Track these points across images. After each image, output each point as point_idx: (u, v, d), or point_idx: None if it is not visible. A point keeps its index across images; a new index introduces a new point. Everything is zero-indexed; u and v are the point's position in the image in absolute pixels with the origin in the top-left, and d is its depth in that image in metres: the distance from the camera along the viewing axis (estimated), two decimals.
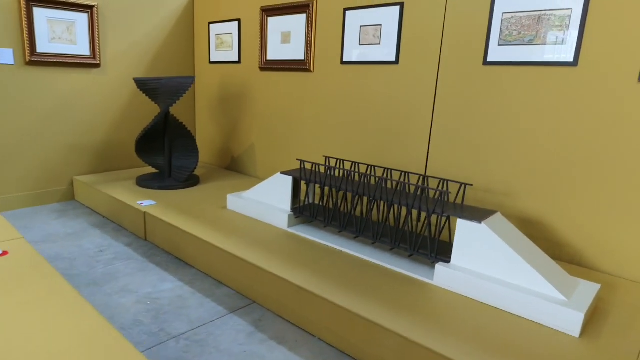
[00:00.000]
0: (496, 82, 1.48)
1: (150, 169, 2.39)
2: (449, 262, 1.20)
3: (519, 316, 1.07)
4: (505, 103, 1.47)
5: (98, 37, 2.12)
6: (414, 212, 1.62)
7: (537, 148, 1.43)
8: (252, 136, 2.29)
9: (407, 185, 1.41)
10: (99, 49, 2.14)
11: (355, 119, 1.85)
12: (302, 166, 1.52)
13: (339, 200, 1.43)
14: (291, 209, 1.56)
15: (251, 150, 2.31)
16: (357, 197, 1.36)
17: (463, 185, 1.35)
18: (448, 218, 1.25)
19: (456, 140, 1.59)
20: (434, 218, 1.43)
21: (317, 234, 1.49)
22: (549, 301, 1.03)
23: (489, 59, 1.47)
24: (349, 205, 1.58)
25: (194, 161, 2.08)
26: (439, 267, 1.19)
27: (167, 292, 1.37)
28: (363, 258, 1.34)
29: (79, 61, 2.08)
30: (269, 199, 1.63)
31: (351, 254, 1.36)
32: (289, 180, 1.55)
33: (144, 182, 2.03)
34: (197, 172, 2.37)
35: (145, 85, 1.99)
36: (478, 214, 1.19)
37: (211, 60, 2.41)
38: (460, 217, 1.17)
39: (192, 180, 2.09)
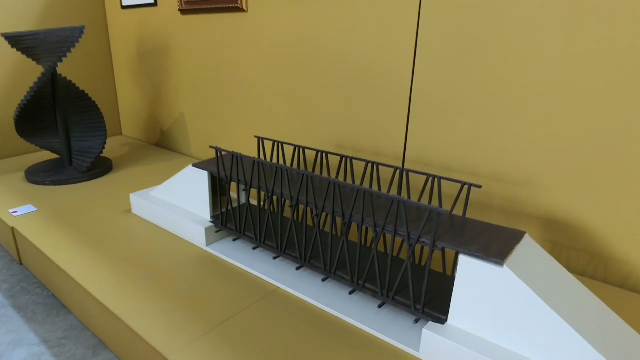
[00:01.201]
0: (509, 10, 0.92)
1: (52, 155, 1.81)
2: (445, 321, 0.70)
3: None
4: (525, 43, 0.91)
5: None
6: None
7: (573, 115, 0.90)
8: (180, 103, 1.71)
9: (380, 189, 0.88)
10: None
11: (306, 78, 1.29)
12: (219, 155, 0.98)
13: (278, 203, 0.90)
14: (211, 217, 1.03)
15: (181, 121, 1.74)
16: (296, 205, 0.84)
17: (467, 187, 0.82)
18: (442, 250, 0.73)
19: (450, 105, 1.05)
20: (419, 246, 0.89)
21: (245, 257, 0.97)
22: None
23: None
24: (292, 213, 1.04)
25: (101, 141, 1.51)
26: (428, 332, 0.68)
27: None
28: (309, 302, 0.83)
29: None
30: (183, 201, 1.09)
31: (292, 295, 0.85)
32: (204, 176, 1.01)
33: (35, 174, 1.47)
34: (117, 151, 1.81)
35: (19, 43, 1.38)
36: (493, 240, 0.68)
37: (123, 4, 1.78)
38: (464, 252, 0.66)
39: (100, 168, 1.54)
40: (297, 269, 0.87)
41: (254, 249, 0.96)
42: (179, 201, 1.10)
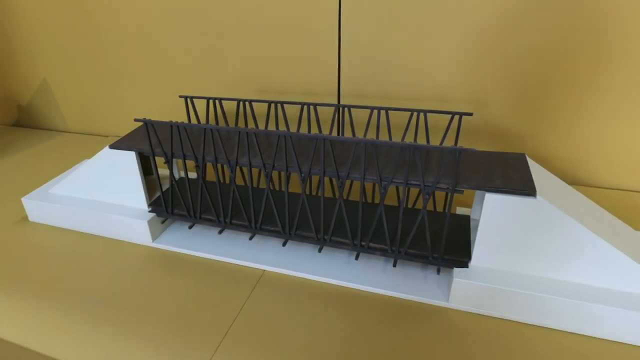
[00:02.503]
0: None
1: None
2: (468, 262, 0.64)
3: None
4: None
5: None
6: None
7: (513, 26, 0.84)
8: (39, 68, 1.29)
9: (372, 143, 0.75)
10: None
11: (210, 21, 1.03)
12: (150, 130, 0.73)
13: (249, 174, 0.72)
14: (149, 205, 0.80)
15: (45, 91, 1.32)
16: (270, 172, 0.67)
17: (458, 117, 0.72)
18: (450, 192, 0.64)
19: (382, 29, 0.92)
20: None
21: (212, 244, 0.77)
22: None
23: None
24: (256, 179, 0.83)
25: None
26: (459, 280, 0.61)
27: None
28: (310, 279, 0.69)
29: None
30: (102, 194, 0.82)
31: (287, 275, 0.71)
32: (130, 158, 0.76)
33: None
34: None
35: None
36: (505, 170, 0.61)
37: None
38: (491, 190, 0.58)
39: None
40: (284, 244, 0.72)
41: (220, 232, 0.77)
42: (97, 194, 0.83)
